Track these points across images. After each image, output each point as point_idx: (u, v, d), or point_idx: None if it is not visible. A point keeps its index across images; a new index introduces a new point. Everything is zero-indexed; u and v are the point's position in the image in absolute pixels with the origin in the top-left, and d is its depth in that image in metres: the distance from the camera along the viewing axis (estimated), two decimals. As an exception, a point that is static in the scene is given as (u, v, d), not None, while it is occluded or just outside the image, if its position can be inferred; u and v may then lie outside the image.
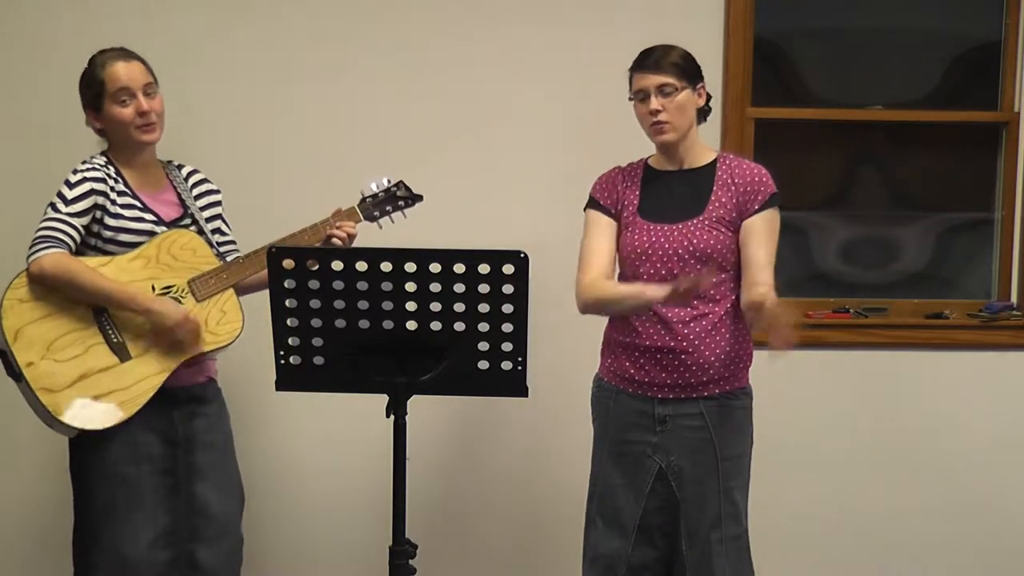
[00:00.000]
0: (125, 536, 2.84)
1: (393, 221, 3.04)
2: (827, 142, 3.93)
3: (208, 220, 3.02)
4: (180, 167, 3.06)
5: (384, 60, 3.58)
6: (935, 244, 3.98)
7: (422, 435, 3.11)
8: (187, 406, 2.93)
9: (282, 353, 2.38)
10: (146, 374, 2.81)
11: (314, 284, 2.31)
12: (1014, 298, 3.89)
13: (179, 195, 2.99)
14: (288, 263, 2.31)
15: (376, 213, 3.03)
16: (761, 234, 2.88)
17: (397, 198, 3.04)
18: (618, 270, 2.99)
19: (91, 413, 2.76)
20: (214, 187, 3.08)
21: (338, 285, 2.31)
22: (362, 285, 2.30)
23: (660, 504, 2.92)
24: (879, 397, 3.79)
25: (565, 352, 3.44)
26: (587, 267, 2.94)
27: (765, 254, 2.87)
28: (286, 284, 2.32)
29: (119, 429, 2.80)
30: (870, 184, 4.02)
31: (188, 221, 2.96)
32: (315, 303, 2.32)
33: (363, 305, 2.32)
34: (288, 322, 2.35)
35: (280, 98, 3.56)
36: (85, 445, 2.86)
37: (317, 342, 2.36)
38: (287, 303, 2.34)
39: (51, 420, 2.76)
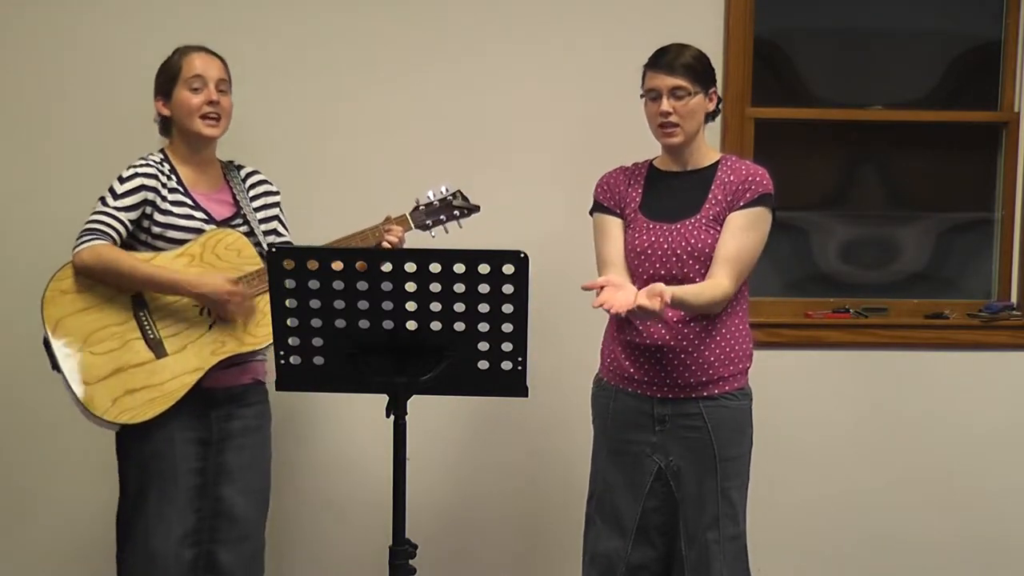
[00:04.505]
0: (157, 531, 2.86)
1: (447, 231, 3.00)
2: (827, 142, 3.93)
3: (265, 221, 3.02)
4: (240, 168, 3.06)
5: (384, 61, 3.59)
6: (935, 244, 3.98)
7: (422, 435, 3.10)
8: (225, 407, 2.93)
9: (282, 353, 2.38)
10: (180, 372, 2.81)
11: (314, 284, 2.31)
12: (1014, 298, 3.89)
13: (234, 196, 2.99)
14: (288, 263, 2.31)
15: (429, 222, 2.98)
16: (738, 228, 2.85)
17: (453, 207, 2.99)
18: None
19: (122, 407, 2.77)
20: (273, 188, 3.08)
21: (338, 285, 2.30)
22: (362, 285, 2.30)
23: (659, 504, 2.92)
24: (879, 397, 3.79)
25: (565, 352, 3.44)
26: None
27: (734, 247, 2.83)
28: (286, 284, 2.32)
29: (157, 425, 2.81)
30: (870, 184, 4.02)
31: (239, 222, 2.96)
32: (315, 303, 2.32)
33: (363, 305, 2.31)
34: (288, 322, 2.35)
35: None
36: (125, 440, 2.89)
37: (317, 342, 2.36)
38: (287, 303, 2.34)
39: (85, 412, 2.77)
